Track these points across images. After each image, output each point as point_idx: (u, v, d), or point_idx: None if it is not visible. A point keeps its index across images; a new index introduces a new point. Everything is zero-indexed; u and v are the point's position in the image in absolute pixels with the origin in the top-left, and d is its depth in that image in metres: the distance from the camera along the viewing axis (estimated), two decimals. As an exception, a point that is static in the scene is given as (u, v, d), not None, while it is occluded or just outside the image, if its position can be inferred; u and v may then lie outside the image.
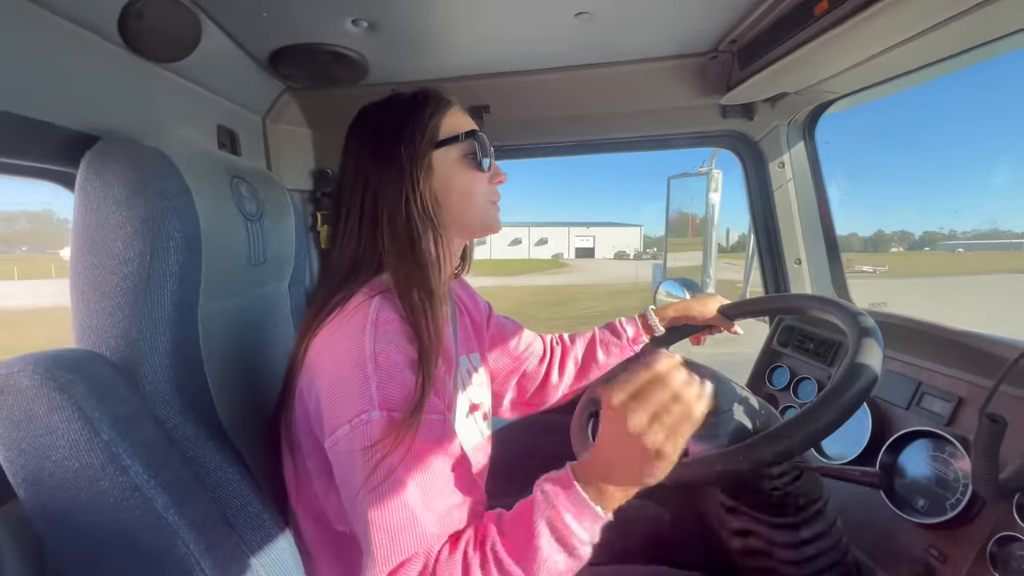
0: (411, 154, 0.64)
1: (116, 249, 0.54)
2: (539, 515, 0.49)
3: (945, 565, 0.65)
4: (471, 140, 0.69)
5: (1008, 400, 0.66)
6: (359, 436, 0.51)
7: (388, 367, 0.53)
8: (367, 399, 0.51)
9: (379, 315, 0.56)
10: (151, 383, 0.55)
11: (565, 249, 67.45)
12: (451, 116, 0.69)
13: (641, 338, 0.96)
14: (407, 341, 0.57)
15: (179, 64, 0.77)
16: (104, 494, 0.46)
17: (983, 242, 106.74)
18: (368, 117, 0.70)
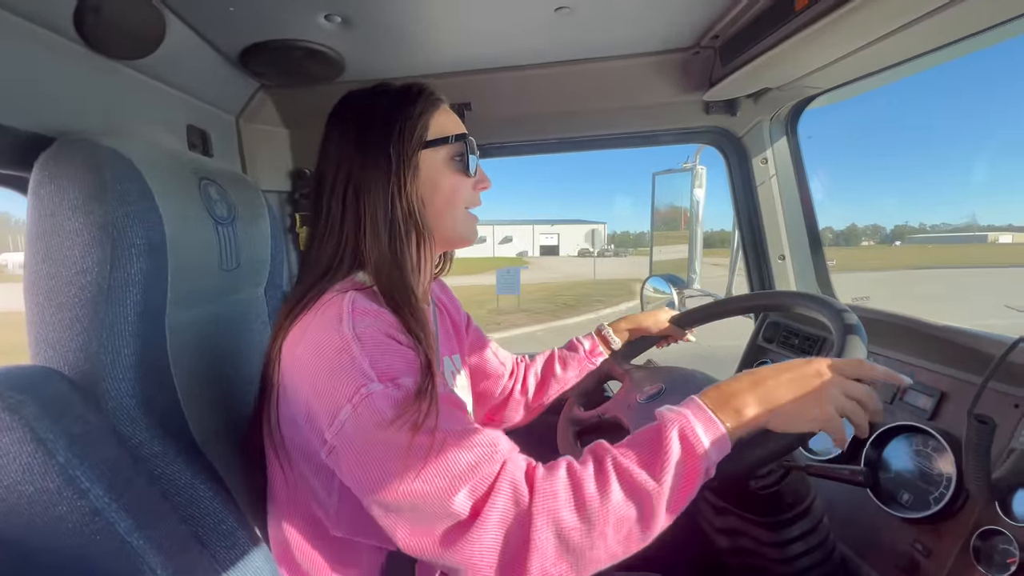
0: (399, 152, 0.61)
1: (73, 257, 0.51)
2: (669, 425, 0.49)
3: (929, 559, 0.65)
4: (460, 143, 0.66)
5: (988, 394, 0.66)
6: (366, 412, 0.47)
7: (375, 343, 0.51)
8: (362, 375, 0.49)
9: (355, 305, 0.54)
10: (114, 399, 0.52)
11: (530, 247, 67.54)
12: (441, 115, 0.67)
13: (597, 350, 0.97)
14: (389, 326, 0.54)
15: (143, 62, 0.73)
16: (62, 519, 0.43)
17: (949, 235, 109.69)
18: (353, 106, 0.66)
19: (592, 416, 0.80)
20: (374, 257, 0.60)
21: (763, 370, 0.53)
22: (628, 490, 0.47)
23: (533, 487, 0.47)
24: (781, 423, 0.51)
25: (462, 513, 0.46)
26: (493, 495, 0.46)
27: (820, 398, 0.50)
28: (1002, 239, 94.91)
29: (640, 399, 0.73)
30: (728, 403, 0.51)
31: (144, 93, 0.78)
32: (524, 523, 0.46)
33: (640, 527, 0.47)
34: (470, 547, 0.45)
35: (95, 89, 0.68)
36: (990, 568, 0.59)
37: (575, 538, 0.45)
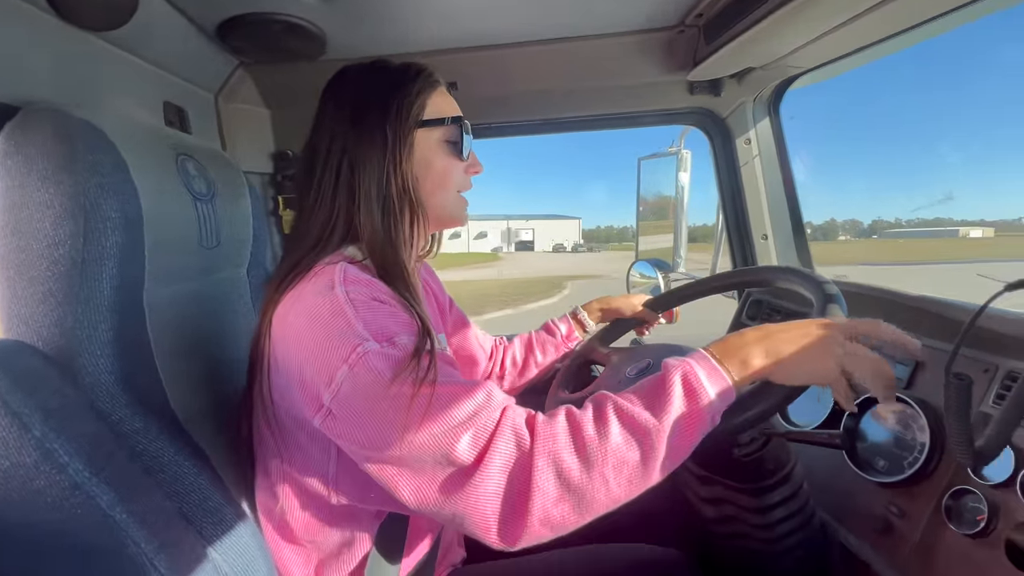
0: (396, 130, 0.61)
1: (44, 230, 0.50)
2: (672, 371, 0.50)
3: (903, 520, 0.68)
4: (456, 125, 0.67)
5: (960, 360, 0.69)
6: (363, 371, 0.47)
7: (368, 306, 0.51)
8: (357, 335, 0.48)
9: (347, 273, 0.54)
10: (91, 374, 0.51)
11: (505, 243, 67.41)
12: (437, 96, 0.67)
13: (574, 334, 0.99)
14: (381, 292, 0.55)
15: (116, 34, 0.71)
16: (40, 493, 0.42)
17: (922, 230, 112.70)
18: (350, 80, 0.65)
19: (579, 397, 0.80)
20: (367, 232, 0.60)
21: (770, 325, 0.54)
22: (628, 429, 0.47)
23: (534, 431, 0.48)
24: (784, 375, 0.51)
25: (465, 460, 0.46)
26: (495, 440, 0.47)
27: (824, 352, 0.50)
28: (972, 234, 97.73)
29: (630, 374, 0.74)
30: (733, 353, 0.52)
31: (118, 67, 0.76)
32: (526, 466, 0.46)
33: (641, 467, 0.47)
34: (474, 492, 0.46)
35: (67, 61, 0.66)
36: (960, 525, 0.61)
37: (576, 479, 0.46)
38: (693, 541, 0.83)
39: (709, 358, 0.51)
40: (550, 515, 0.46)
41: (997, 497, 0.59)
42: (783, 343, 0.51)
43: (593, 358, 0.92)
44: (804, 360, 0.51)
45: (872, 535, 0.70)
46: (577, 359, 0.94)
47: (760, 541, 0.71)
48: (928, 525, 0.65)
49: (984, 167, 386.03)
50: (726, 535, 0.75)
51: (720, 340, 0.54)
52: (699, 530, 0.80)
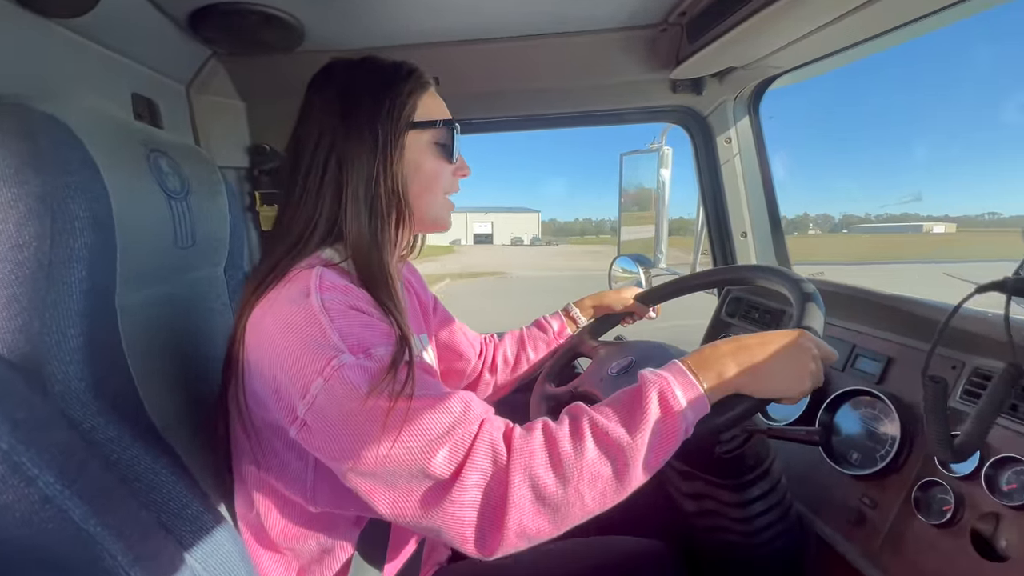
0: (386, 130, 0.60)
1: (7, 232, 0.47)
2: (649, 386, 0.50)
3: (875, 511, 0.70)
4: (447, 128, 0.66)
5: (933, 359, 0.71)
6: (338, 384, 0.46)
7: (344, 315, 0.50)
8: (332, 347, 0.48)
9: (322, 280, 0.52)
10: (61, 382, 0.49)
11: (463, 235, 66.99)
12: (428, 97, 0.65)
13: (566, 331, 0.99)
14: (358, 300, 0.53)
15: (81, 21, 0.68)
16: (8, 508, 0.41)
17: (889, 225, 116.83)
18: (339, 74, 0.63)
19: (564, 391, 0.81)
20: (353, 232, 0.59)
21: (745, 338, 0.55)
22: (602, 446, 0.48)
23: (511, 446, 0.48)
24: (758, 387, 0.53)
25: (442, 475, 0.46)
26: (472, 455, 0.47)
27: (800, 369, 0.53)
28: (935, 229, 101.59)
29: (612, 372, 0.75)
30: (709, 366, 0.53)
31: (83, 56, 0.72)
32: (502, 481, 0.46)
33: (615, 482, 0.48)
34: (451, 507, 0.46)
35: (28, 50, 0.62)
36: (928, 516, 0.64)
37: (551, 493, 0.46)
38: (676, 534, 0.84)
39: (686, 372, 0.52)
40: (526, 528, 0.47)
41: (963, 489, 0.62)
42: (759, 357, 0.53)
43: (581, 351, 0.93)
44: (780, 375, 0.53)
45: (846, 526, 0.73)
46: (566, 352, 0.94)
47: (740, 534, 0.73)
48: (898, 516, 0.67)
49: (947, 164, 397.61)
50: (707, 528, 0.77)
51: (697, 352, 0.55)
52: (682, 523, 0.82)
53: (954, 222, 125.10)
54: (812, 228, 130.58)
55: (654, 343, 0.80)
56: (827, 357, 0.57)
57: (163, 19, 0.81)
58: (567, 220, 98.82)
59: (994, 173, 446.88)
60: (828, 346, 0.57)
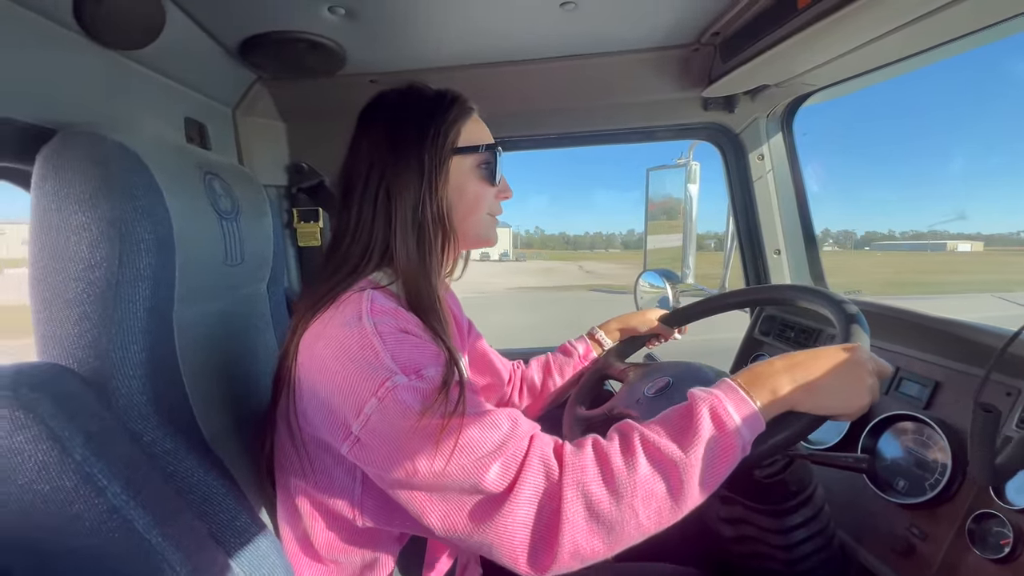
0: (432, 157, 0.62)
1: (81, 253, 0.50)
2: (700, 403, 0.50)
3: (925, 543, 0.68)
4: (490, 152, 0.68)
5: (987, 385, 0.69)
6: (392, 404, 0.48)
7: (395, 338, 0.52)
8: (385, 368, 0.49)
9: (373, 303, 0.54)
10: (125, 396, 0.51)
11: None
12: (471, 123, 0.68)
13: (591, 354, 0.99)
14: (408, 323, 0.55)
15: (142, 53, 0.72)
16: (78, 518, 0.43)
17: (912, 243, 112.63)
18: (386, 107, 0.66)
19: (598, 414, 0.81)
20: (402, 258, 0.61)
21: (798, 354, 0.55)
22: (655, 462, 0.47)
23: (563, 462, 0.48)
24: (814, 404, 0.52)
25: (495, 490, 0.47)
26: (524, 470, 0.47)
27: (859, 384, 0.52)
28: (961, 247, 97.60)
29: (648, 392, 0.74)
30: (762, 383, 0.52)
31: (143, 84, 0.77)
32: (555, 497, 0.46)
33: (670, 500, 0.47)
34: (503, 522, 0.46)
35: (94, 80, 0.67)
36: (984, 550, 0.61)
37: (605, 511, 0.46)
38: (711, 560, 0.82)
39: (737, 389, 0.52)
40: (579, 546, 0.46)
41: (1022, 522, 0.59)
42: (814, 373, 0.52)
43: (609, 373, 0.92)
44: (838, 391, 0.52)
45: (893, 557, 0.70)
46: (594, 375, 0.94)
47: (780, 562, 0.71)
48: (951, 548, 0.65)
49: (975, 180, 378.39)
50: (745, 555, 0.75)
51: (747, 369, 0.54)
52: (718, 549, 0.80)
53: (980, 240, 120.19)
54: (829, 244, 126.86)
55: (689, 363, 0.79)
56: (882, 372, 0.56)
57: (216, 47, 0.85)
58: (551, 233, 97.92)
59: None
60: (883, 361, 0.56)
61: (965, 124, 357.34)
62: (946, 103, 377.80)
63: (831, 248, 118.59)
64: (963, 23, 0.72)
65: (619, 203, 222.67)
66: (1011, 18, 0.72)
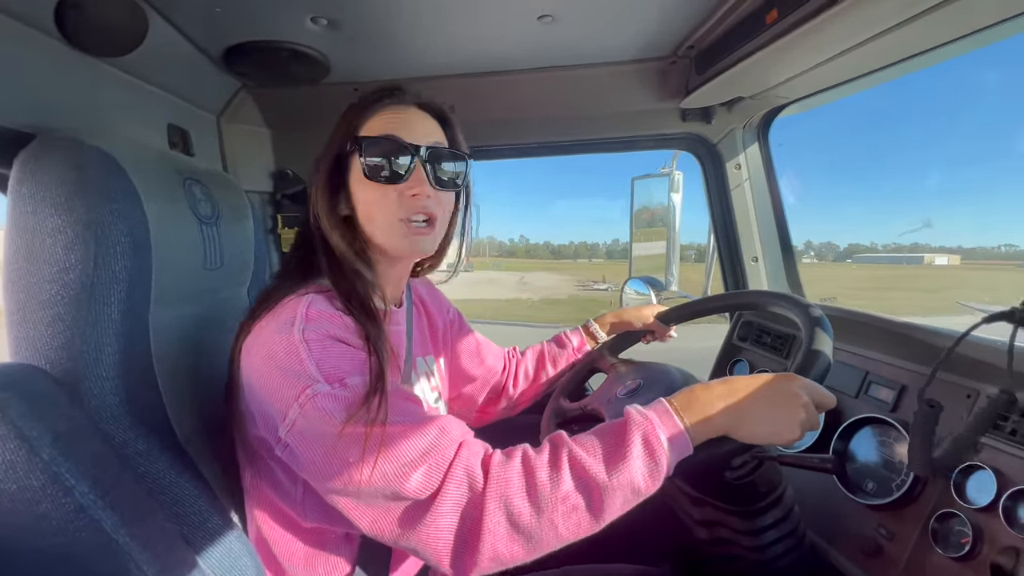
0: (328, 158, 0.63)
1: (56, 255, 0.51)
2: (634, 427, 0.51)
3: (892, 543, 0.69)
4: (391, 143, 0.60)
5: (943, 385, 0.71)
6: (313, 411, 0.49)
7: (323, 345, 0.52)
8: (308, 376, 0.50)
9: (309, 308, 0.55)
10: (97, 397, 0.52)
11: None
12: (384, 116, 0.62)
13: (585, 347, 1.00)
14: (341, 329, 0.55)
15: (125, 59, 0.73)
16: (45, 517, 0.43)
17: (889, 256, 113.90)
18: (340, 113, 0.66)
19: (575, 408, 0.82)
20: (326, 264, 0.62)
21: (737, 382, 0.55)
22: (579, 480, 0.49)
23: (488, 473, 0.49)
24: (746, 434, 0.53)
25: (417, 497, 0.48)
26: (447, 481, 0.48)
27: (790, 418, 0.53)
28: (938, 261, 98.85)
29: (619, 393, 0.76)
30: (700, 410, 0.53)
31: (125, 91, 0.77)
32: (477, 506, 0.48)
33: (589, 515, 0.49)
34: (426, 530, 0.48)
35: (75, 86, 0.68)
36: (946, 548, 0.63)
37: (526, 522, 0.48)
38: (686, 561, 0.83)
39: (673, 415, 0.53)
40: (499, 553, 0.48)
41: (981, 520, 0.61)
42: (749, 402, 0.53)
43: (599, 367, 0.93)
44: (767, 421, 0.53)
45: (862, 557, 0.72)
46: (584, 368, 0.95)
47: (752, 563, 0.72)
48: (916, 548, 0.66)
49: (952, 195, 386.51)
50: (719, 557, 0.76)
51: (688, 391, 0.55)
52: (692, 550, 0.81)
53: (957, 253, 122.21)
54: (809, 256, 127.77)
55: (663, 367, 0.80)
56: (823, 403, 0.56)
57: (200, 55, 0.86)
58: (535, 242, 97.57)
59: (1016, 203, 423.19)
60: (824, 391, 0.56)
61: (943, 136, 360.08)
62: (925, 114, 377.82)
63: (810, 260, 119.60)
64: (930, 36, 0.75)
65: (608, 211, 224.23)
66: (975, 32, 0.75)
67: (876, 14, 0.68)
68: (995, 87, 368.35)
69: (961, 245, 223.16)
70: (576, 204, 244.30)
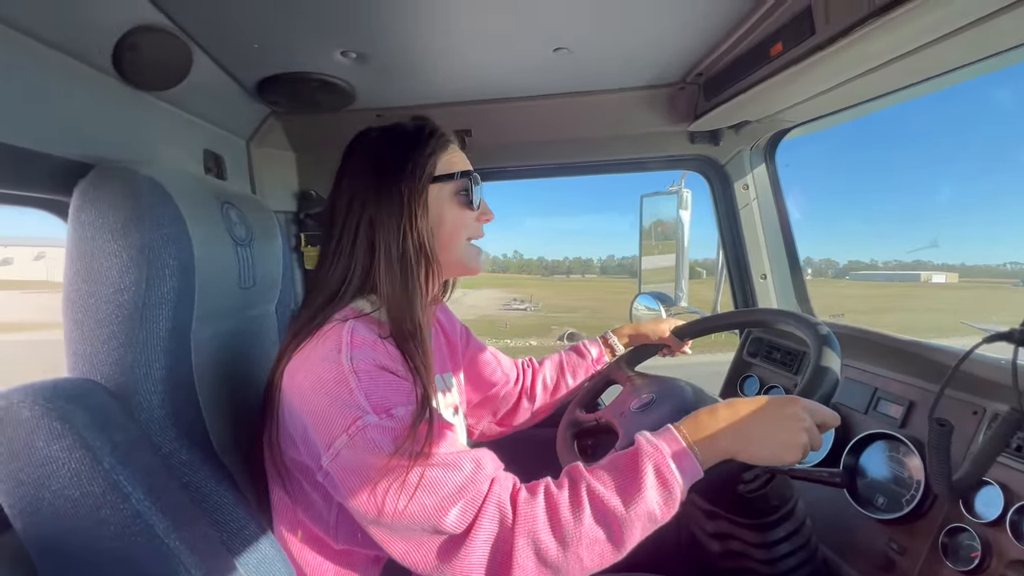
0: (411, 189, 0.66)
1: (111, 278, 0.55)
2: (645, 459, 0.53)
3: (903, 557, 0.70)
4: (466, 178, 0.71)
5: (950, 403, 0.73)
6: (361, 442, 0.51)
7: (371, 376, 0.55)
8: (358, 407, 0.52)
9: (353, 336, 0.57)
10: (146, 410, 0.55)
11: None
12: (448, 153, 0.72)
13: (604, 358, 1.02)
14: (385, 357, 0.58)
15: (168, 92, 0.78)
16: (104, 522, 0.46)
17: (887, 273, 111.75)
18: (369, 142, 0.70)
19: (590, 419, 0.85)
20: (386, 287, 0.64)
21: (741, 405, 0.58)
22: (599, 515, 0.52)
23: (516, 509, 0.52)
24: (750, 455, 0.56)
25: (453, 531, 0.50)
26: (480, 516, 0.51)
27: (792, 439, 0.55)
28: (935, 278, 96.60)
29: (633, 407, 0.78)
30: (705, 436, 0.56)
31: (168, 120, 0.83)
32: (507, 542, 0.51)
33: (611, 546, 0.52)
34: (461, 563, 0.50)
35: (126, 118, 0.73)
36: (956, 562, 0.64)
37: (552, 556, 0.50)
38: (701, 573, 0.85)
39: (681, 441, 0.55)
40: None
41: (989, 535, 0.62)
42: (753, 425, 0.56)
43: (615, 379, 0.96)
44: (770, 443, 0.55)
45: (873, 571, 0.73)
46: (601, 380, 0.98)
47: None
48: (926, 562, 0.68)
49: (951, 212, 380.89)
50: (732, 570, 0.77)
51: (693, 417, 0.58)
52: (707, 564, 0.82)
53: (955, 271, 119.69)
54: (808, 274, 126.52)
55: (676, 382, 0.83)
56: (825, 423, 0.58)
57: (235, 86, 0.92)
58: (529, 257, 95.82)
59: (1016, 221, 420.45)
60: (826, 411, 0.58)
61: (949, 156, 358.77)
62: (932, 133, 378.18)
63: (808, 277, 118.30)
64: (934, 64, 0.78)
65: (619, 225, 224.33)
66: (974, 62, 0.78)
67: (877, 48, 0.71)
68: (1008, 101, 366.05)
69: (964, 263, 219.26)
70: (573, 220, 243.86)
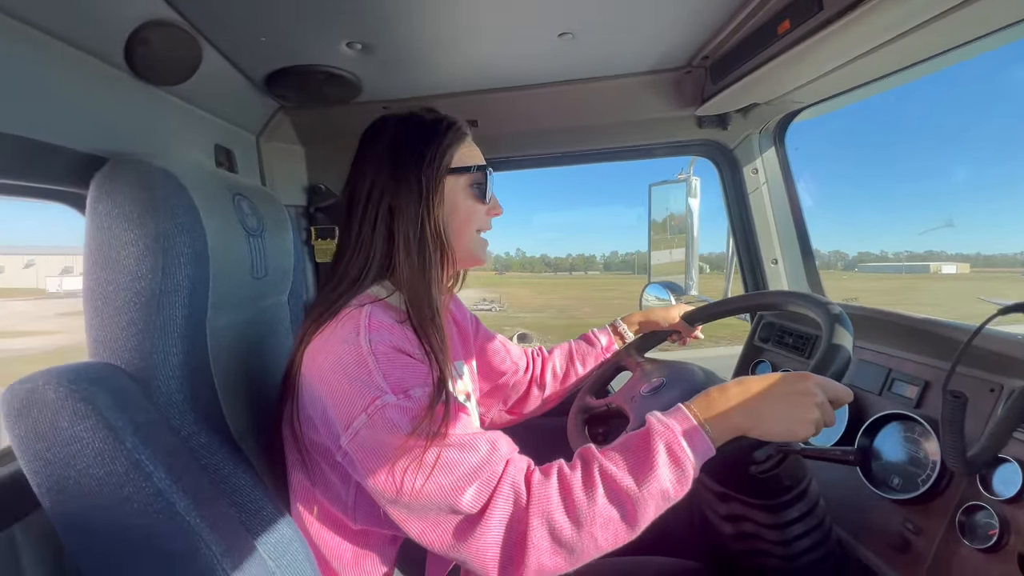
0: (429, 178, 0.67)
1: (129, 266, 0.56)
2: (657, 437, 0.53)
3: (920, 537, 0.70)
4: (481, 172, 0.73)
5: (966, 380, 0.72)
6: (380, 421, 0.52)
7: (389, 357, 0.56)
8: (376, 387, 0.53)
9: (371, 319, 0.59)
10: (165, 394, 0.57)
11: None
12: (465, 146, 0.73)
13: (613, 346, 1.02)
14: (402, 340, 0.59)
15: (179, 87, 0.80)
16: (128, 500, 0.48)
17: (896, 264, 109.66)
18: (387, 132, 0.71)
19: (600, 405, 0.85)
20: (405, 272, 0.65)
21: (752, 383, 0.58)
22: (611, 494, 0.52)
23: (530, 490, 0.53)
24: (762, 432, 0.55)
25: (469, 511, 0.51)
26: (496, 496, 0.52)
27: (803, 415, 0.55)
28: (945, 269, 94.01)
29: (643, 391, 0.78)
30: (716, 413, 0.56)
31: (179, 115, 0.84)
32: (522, 522, 0.51)
33: (625, 525, 0.52)
34: (476, 542, 0.51)
35: (138, 112, 0.74)
36: (974, 540, 0.63)
37: (566, 536, 0.51)
38: (715, 555, 0.85)
39: (692, 419, 0.55)
40: (544, 565, 0.51)
41: (1007, 512, 0.61)
42: (764, 401, 0.56)
43: (625, 365, 0.96)
44: (782, 419, 0.55)
45: (889, 552, 0.72)
46: (611, 366, 0.98)
47: (779, 558, 0.73)
48: (943, 541, 0.67)
49: (962, 199, 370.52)
50: (746, 552, 0.77)
51: (704, 395, 0.58)
52: (720, 545, 0.82)
53: (966, 261, 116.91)
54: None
55: (686, 366, 0.83)
56: (838, 399, 0.58)
57: (244, 81, 0.93)
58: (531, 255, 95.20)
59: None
60: (839, 386, 0.58)
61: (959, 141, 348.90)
62: (940, 117, 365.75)
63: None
64: (945, 39, 0.76)
65: (625, 217, 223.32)
66: (986, 35, 0.76)
67: (887, 22, 0.70)
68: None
69: (980, 252, 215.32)
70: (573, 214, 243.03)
